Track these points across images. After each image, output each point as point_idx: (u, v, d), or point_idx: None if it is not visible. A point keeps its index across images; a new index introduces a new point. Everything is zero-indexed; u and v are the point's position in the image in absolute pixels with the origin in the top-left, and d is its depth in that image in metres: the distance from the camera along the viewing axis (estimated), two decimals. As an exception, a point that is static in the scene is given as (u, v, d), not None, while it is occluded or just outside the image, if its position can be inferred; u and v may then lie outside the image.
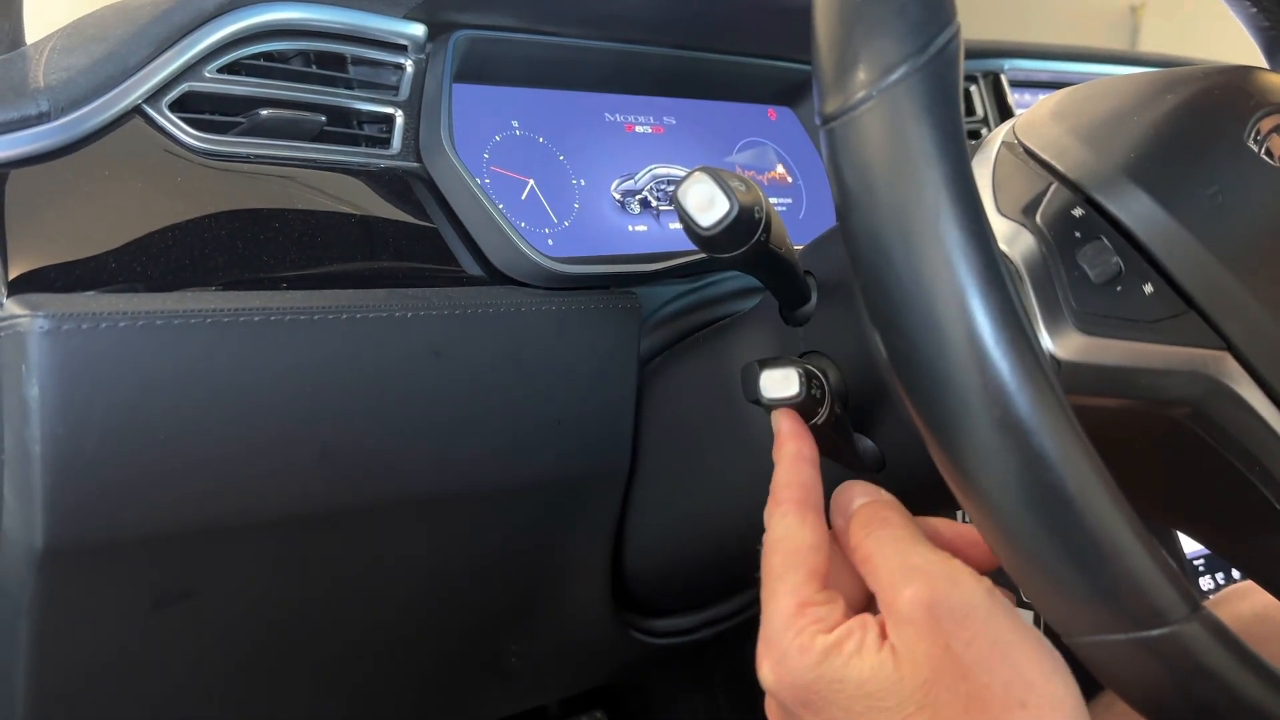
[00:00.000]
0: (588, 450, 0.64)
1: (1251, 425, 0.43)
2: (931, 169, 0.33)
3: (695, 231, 0.47)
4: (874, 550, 0.43)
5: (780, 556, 0.43)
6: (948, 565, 0.41)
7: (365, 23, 0.62)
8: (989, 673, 0.38)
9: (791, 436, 0.47)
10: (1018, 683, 0.38)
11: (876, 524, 0.43)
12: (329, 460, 0.54)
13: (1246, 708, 0.35)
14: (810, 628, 0.41)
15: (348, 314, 0.53)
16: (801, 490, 0.45)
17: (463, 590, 0.66)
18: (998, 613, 0.39)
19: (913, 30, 0.34)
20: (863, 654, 0.40)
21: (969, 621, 0.39)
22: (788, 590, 0.42)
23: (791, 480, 0.45)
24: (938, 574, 0.40)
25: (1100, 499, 0.33)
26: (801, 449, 0.46)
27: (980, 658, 0.38)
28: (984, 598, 0.40)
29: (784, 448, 0.47)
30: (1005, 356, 0.33)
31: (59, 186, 0.51)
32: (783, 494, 0.45)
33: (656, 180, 0.72)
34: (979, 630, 0.39)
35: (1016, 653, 0.39)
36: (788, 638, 0.41)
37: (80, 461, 0.48)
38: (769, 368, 0.47)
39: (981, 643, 0.38)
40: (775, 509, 0.45)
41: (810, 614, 0.41)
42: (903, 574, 0.41)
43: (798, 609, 0.42)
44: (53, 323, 0.46)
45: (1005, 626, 0.39)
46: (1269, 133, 0.46)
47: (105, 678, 0.56)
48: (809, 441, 0.47)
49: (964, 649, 0.38)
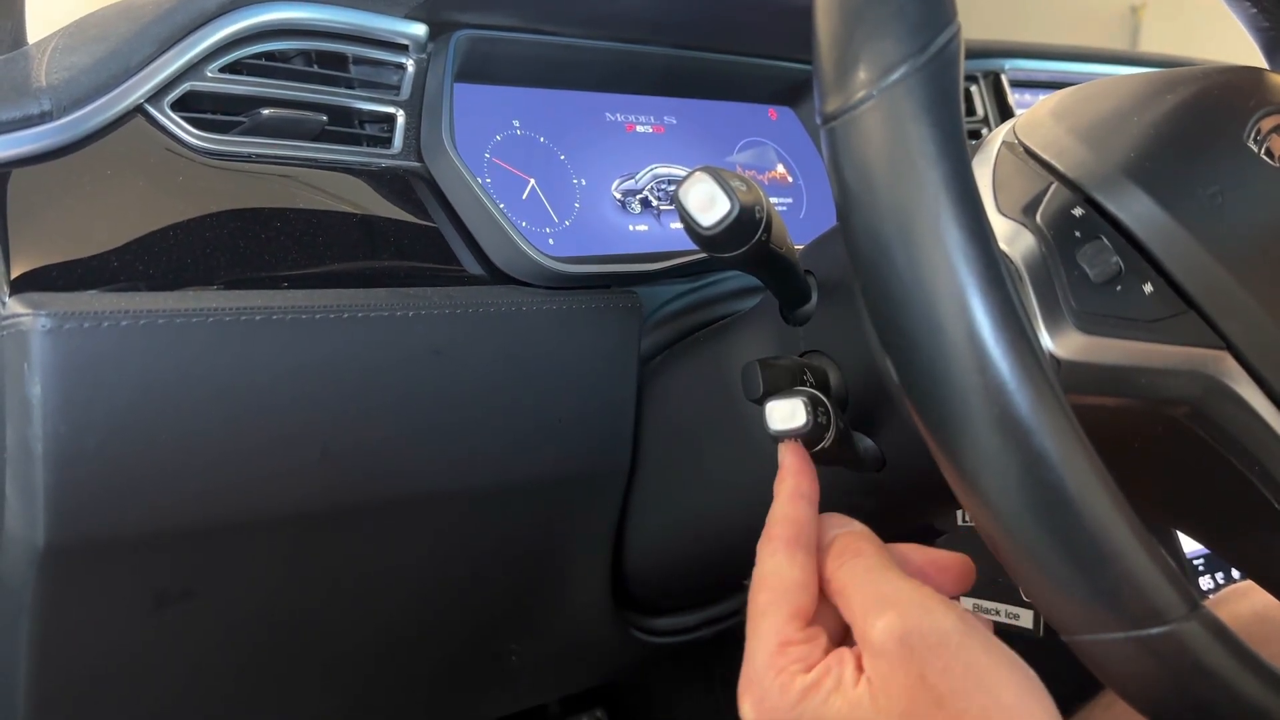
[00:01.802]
0: (588, 449, 0.65)
1: (1250, 424, 0.43)
2: (932, 168, 0.34)
3: (696, 231, 0.47)
4: (846, 581, 0.43)
5: (766, 594, 0.43)
6: (919, 594, 0.41)
7: (366, 22, 0.62)
8: (965, 698, 0.38)
9: (792, 473, 0.47)
10: (994, 707, 0.38)
11: (849, 555, 0.44)
12: (330, 459, 0.54)
13: (1246, 707, 0.35)
14: (790, 667, 0.41)
15: (349, 313, 0.54)
16: (795, 528, 0.45)
17: (463, 589, 0.67)
18: (971, 638, 0.39)
19: (913, 30, 0.34)
20: (840, 690, 0.40)
21: (942, 650, 0.39)
22: (771, 628, 0.42)
23: (786, 516, 0.45)
24: (909, 603, 0.40)
25: (1100, 498, 0.34)
26: (800, 485, 0.46)
27: (955, 685, 0.38)
28: (956, 624, 0.40)
29: (784, 482, 0.47)
30: (1005, 355, 0.33)
31: (61, 186, 0.51)
32: (775, 529, 0.45)
33: (657, 180, 0.72)
34: (952, 657, 0.39)
35: (991, 677, 0.39)
36: (769, 677, 0.41)
37: (82, 460, 0.48)
38: (774, 399, 0.47)
39: (956, 669, 0.39)
40: (766, 544, 0.45)
41: (791, 653, 0.42)
42: (875, 605, 0.41)
43: (779, 648, 0.42)
44: (55, 321, 0.46)
45: (979, 650, 0.39)
46: (1269, 133, 0.46)
47: (107, 676, 0.56)
48: (809, 478, 0.47)
49: (938, 677, 0.39)
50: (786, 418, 0.46)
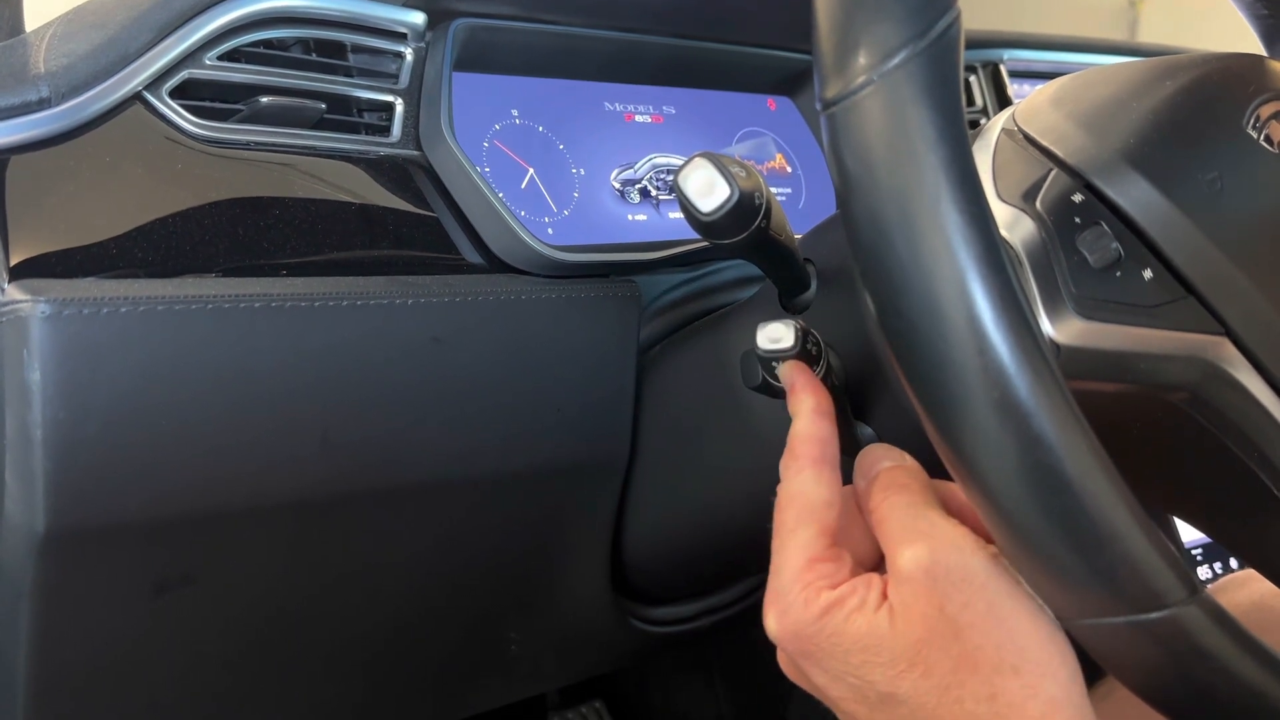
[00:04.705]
0: (587, 438, 0.65)
1: (1249, 410, 0.43)
2: (932, 153, 0.33)
3: (695, 217, 0.47)
4: (887, 514, 0.43)
5: (794, 511, 0.44)
6: (953, 530, 0.41)
7: (365, 10, 0.62)
8: (982, 635, 0.39)
9: (808, 390, 0.47)
10: (1011, 648, 0.39)
11: (894, 489, 0.44)
12: (329, 447, 0.54)
13: (1245, 691, 0.35)
14: (816, 583, 0.42)
15: (348, 301, 0.54)
16: (819, 445, 0.45)
17: (462, 577, 0.67)
18: (996, 579, 0.40)
19: (913, 15, 0.34)
20: (863, 610, 0.41)
21: (965, 585, 0.39)
22: (798, 545, 0.43)
23: (811, 434, 0.45)
24: (941, 537, 0.41)
25: (1099, 481, 0.34)
26: (820, 402, 0.46)
27: (974, 621, 0.39)
28: (984, 563, 0.40)
29: (802, 401, 0.46)
30: (1005, 339, 0.33)
31: (60, 173, 0.51)
32: (800, 448, 0.45)
33: (656, 169, 0.72)
34: (975, 594, 0.39)
35: (1013, 619, 0.39)
36: (794, 591, 0.42)
37: (82, 446, 0.48)
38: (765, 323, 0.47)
39: (977, 606, 0.39)
40: (792, 463, 0.45)
41: (818, 569, 0.42)
42: (907, 536, 0.41)
43: (806, 564, 0.42)
44: (54, 308, 0.46)
45: (1003, 593, 0.39)
46: (1268, 119, 0.46)
47: (107, 663, 0.56)
48: (825, 395, 0.47)
49: (958, 611, 0.39)
50: (774, 337, 0.46)
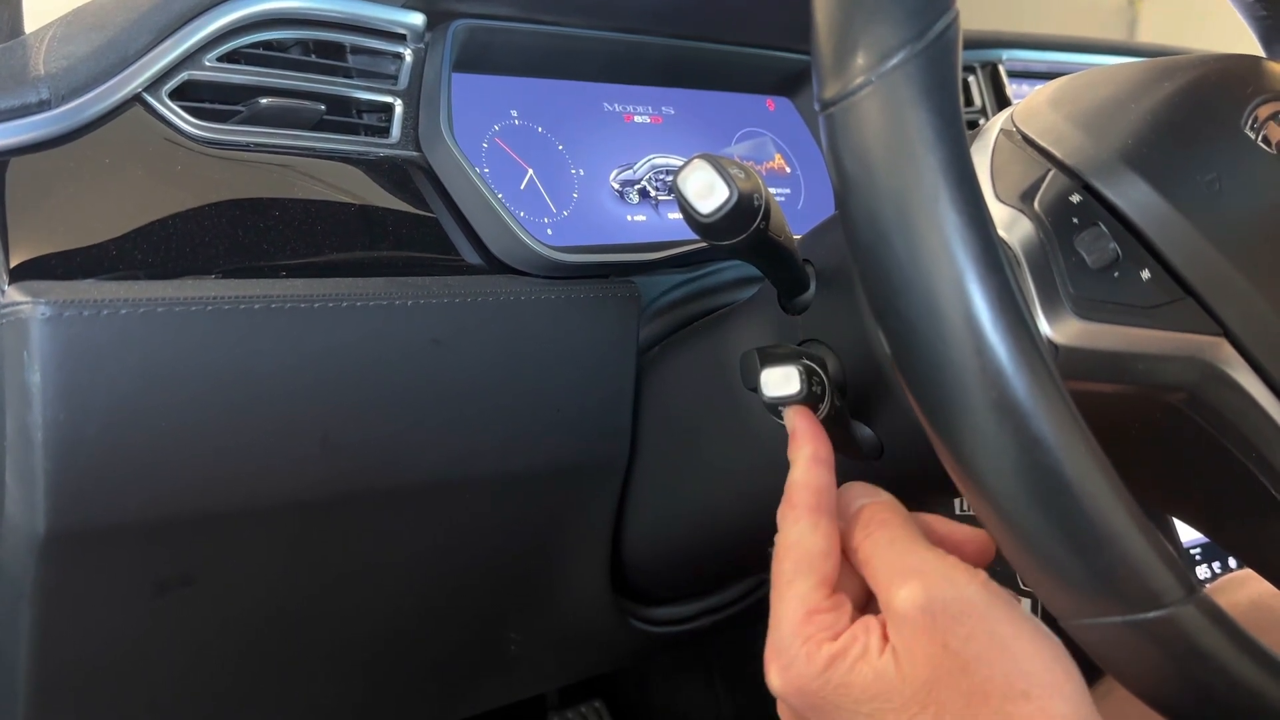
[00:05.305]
0: (587, 438, 0.65)
1: (1247, 411, 0.43)
2: (930, 153, 0.33)
3: (694, 218, 0.47)
4: (872, 552, 0.43)
5: (791, 562, 0.43)
6: (943, 563, 0.41)
7: (364, 12, 0.62)
8: (989, 666, 0.38)
9: (808, 437, 0.47)
10: (1018, 674, 0.38)
11: (875, 525, 0.44)
12: (329, 447, 0.55)
13: (1243, 690, 0.35)
14: (817, 635, 0.41)
15: (347, 302, 0.54)
16: (816, 495, 0.45)
17: (462, 578, 0.67)
18: (994, 607, 0.40)
19: (911, 16, 0.34)
20: (866, 658, 0.40)
21: (965, 618, 0.39)
22: (796, 597, 0.42)
23: (808, 483, 0.45)
24: (933, 573, 0.41)
25: (1097, 482, 0.34)
26: (818, 451, 0.46)
27: (979, 652, 0.39)
28: (979, 593, 0.40)
29: (801, 448, 0.46)
30: (1003, 340, 0.33)
31: (59, 174, 0.51)
32: (797, 497, 0.45)
33: (655, 170, 0.72)
34: (976, 625, 0.39)
35: (1015, 645, 0.39)
36: (795, 645, 0.41)
37: (82, 447, 0.48)
38: (768, 366, 0.47)
39: (979, 638, 0.39)
40: (789, 512, 0.45)
41: (817, 621, 0.42)
42: (899, 575, 0.41)
43: (805, 616, 0.42)
44: (54, 309, 0.46)
45: (1003, 619, 0.39)
46: (1266, 120, 0.46)
47: (107, 663, 0.56)
48: (825, 443, 0.47)
49: (962, 645, 0.39)
50: (780, 383, 0.46)
